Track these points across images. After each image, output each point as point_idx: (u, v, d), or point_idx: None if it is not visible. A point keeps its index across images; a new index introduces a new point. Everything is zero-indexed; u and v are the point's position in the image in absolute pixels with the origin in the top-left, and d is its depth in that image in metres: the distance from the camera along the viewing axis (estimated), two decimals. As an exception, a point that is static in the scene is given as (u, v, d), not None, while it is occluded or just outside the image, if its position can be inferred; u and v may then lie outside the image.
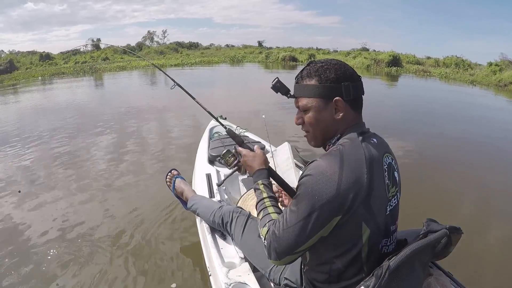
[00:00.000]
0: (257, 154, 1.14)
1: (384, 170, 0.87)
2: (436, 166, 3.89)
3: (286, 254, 0.88)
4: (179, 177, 1.90)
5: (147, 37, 43.42)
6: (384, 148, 0.92)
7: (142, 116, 6.38)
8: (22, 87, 14.00)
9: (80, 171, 3.55)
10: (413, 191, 2.87)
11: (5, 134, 5.44)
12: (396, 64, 18.83)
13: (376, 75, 16.18)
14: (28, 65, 31.02)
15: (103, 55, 32.67)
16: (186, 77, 13.76)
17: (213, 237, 1.53)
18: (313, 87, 0.91)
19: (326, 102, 0.90)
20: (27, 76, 20.19)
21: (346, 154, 0.83)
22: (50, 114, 7.10)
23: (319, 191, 0.80)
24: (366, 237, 0.84)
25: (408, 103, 8.81)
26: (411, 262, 0.78)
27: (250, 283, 1.22)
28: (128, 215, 2.57)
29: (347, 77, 0.89)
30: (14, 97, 11.32)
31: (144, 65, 22.13)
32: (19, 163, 3.96)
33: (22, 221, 2.55)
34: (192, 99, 1.50)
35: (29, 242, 2.25)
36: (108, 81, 15.20)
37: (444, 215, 2.57)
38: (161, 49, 36.93)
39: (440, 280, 1.01)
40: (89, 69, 21.79)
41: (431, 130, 5.54)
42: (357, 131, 0.89)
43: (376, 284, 0.72)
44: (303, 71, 0.95)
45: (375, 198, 0.83)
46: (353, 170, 0.81)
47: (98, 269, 1.96)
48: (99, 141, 4.77)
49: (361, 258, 0.86)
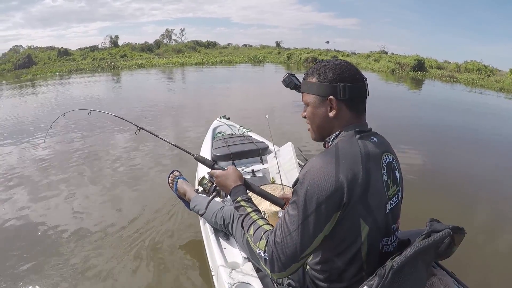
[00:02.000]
0: (229, 172, 1.16)
1: (382, 168, 0.88)
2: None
3: (292, 262, 0.85)
4: (181, 178, 1.91)
5: (165, 35, 44.12)
6: (384, 147, 0.93)
7: (160, 114, 6.48)
8: (40, 83, 14.13)
9: (85, 168, 3.58)
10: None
11: (22, 127, 5.68)
12: (420, 69, 18.32)
13: (401, 79, 15.77)
14: (46, 60, 31.55)
15: (121, 52, 33.05)
16: (215, 75, 14.09)
17: (216, 237, 1.54)
18: (313, 84, 0.95)
19: (322, 99, 0.94)
20: (44, 71, 20.30)
21: (341, 150, 0.85)
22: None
23: (318, 188, 0.81)
24: (365, 234, 0.85)
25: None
26: (414, 262, 0.78)
27: (253, 283, 1.23)
28: (130, 215, 2.58)
29: (345, 77, 0.91)
30: (31, 91, 11.52)
31: (163, 63, 22.01)
32: (35, 155, 4.14)
33: (33, 212, 2.61)
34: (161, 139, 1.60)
35: (42, 231, 2.28)
36: (128, 77, 15.28)
37: (449, 216, 2.56)
38: (179, 48, 37.32)
39: (443, 280, 1.01)
40: (108, 66, 21.78)
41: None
42: (354, 129, 0.91)
43: (379, 284, 0.73)
44: (310, 69, 0.99)
45: (372, 195, 0.84)
46: (349, 165, 0.82)
47: (101, 267, 1.97)
48: (115, 137, 4.90)
49: (361, 256, 0.87)
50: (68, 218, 2.58)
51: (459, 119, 7.11)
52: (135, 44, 40.44)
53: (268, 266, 0.88)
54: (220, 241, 1.52)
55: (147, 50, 38.56)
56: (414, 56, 19.63)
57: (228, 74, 16.47)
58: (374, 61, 22.02)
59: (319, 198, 0.81)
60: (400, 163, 1.00)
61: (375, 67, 20.02)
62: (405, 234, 1.02)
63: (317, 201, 0.81)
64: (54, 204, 2.84)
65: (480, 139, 5.50)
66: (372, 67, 20.30)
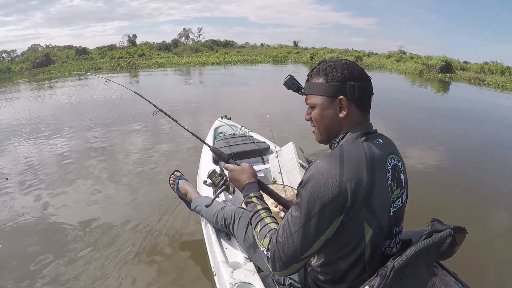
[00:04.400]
0: (244, 168, 1.16)
1: (387, 171, 0.87)
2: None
3: (292, 262, 0.86)
4: (182, 178, 1.92)
5: (182, 34, 44.54)
6: (389, 149, 0.92)
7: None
8: (57, 81, 14.22)
9: (93, 168, 3.59)
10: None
11: (40, 125, 5.88)
12: (448, 70, 17.67)
13: (428, 81, 15.21)
14: (64, 59, 31.98)
15: (140, 51, 33.21)
16: (244, 75, 14.15)
17: (218, 237, 1.54)
18: (320, 85, 0.93)
19: (331, 100, 0.91)
20: (62, 70, 20.27)
21: (346, 153, 0.84)
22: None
23: (321, 191, 0.80)
24: (369, 237, 0.85)
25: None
26: (415, 262, 0.78)
27: (254, 283, 1.23)
28: (131, 214, 2.59)
29: (353, 77, 0.90)
30: (50, 91, 11.62)
31: (184, 62, 21.80)
32: (54, 151, 4.33)
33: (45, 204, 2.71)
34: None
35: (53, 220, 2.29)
36: (152, 78, 15.19)
37: (450, 216, 2.55)
38: (196, 47, 37.48)
39: (445, 280, 1.01)
40: (127, 65, 21.64)
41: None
42: (360, 131, 0.90)
43: (381, 284, 0.73)
44: (314, 69, 0.97)
45: (377, 198, 0.83)
46: (353, 169, 0.81)
47: (102, 267, 1.98)
48: (132, 136, 4.99)
49: (364, 259, 0.87)
50: (70, 214, 2.59)
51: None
52: (153, 43, 40.80)
53: (270, 264, 0.89)
54: (221, 241, 1.52)
55: (164, 49, 38.81)
56: (441, 57, 18.92)
57: (255, 75, 16.12)
58: (396, 62, 21.53)
59: (322, 202, 0.80)
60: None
61: (402, 68, 19.42)
62: (406, 234, 1.02)
63: (320, 204, 0.81)
64: (68, 200, 2.91)
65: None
66: (398, 68, 19.71)
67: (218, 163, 2.31)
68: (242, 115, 5.34)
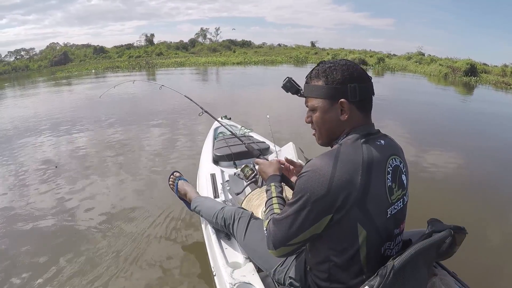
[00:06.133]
0: (272, 163, 1.26)
1: (386, 173, 0.87)
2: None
3: (281, 245, 0.92)
4: (181, 179, 1.92)
5: (200, 34, 44.81)
6: (391, 150, 0.92)
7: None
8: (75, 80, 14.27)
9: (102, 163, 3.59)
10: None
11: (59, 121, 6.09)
12: (473, 73, 16.76)
13: (453, 84, 14.59)
14: (82, 58, 32.40)
15: (157, 50, 33.35)
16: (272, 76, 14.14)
17: (218, 237, 1.54)
18: (320, 88, 0.92)
19: (331, 103, 0.91)
20: (80, 68, 20.17)
21: (342, 154, 0.84)
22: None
23: (311, 188, 0.83)
24: (362, 238, 0.85)
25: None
26: (415, 262, 0.79)
27: (254, 283, 1.23)
28: (132, 214, 2.59)
29: (354, 78, 0.89)
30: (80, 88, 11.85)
31: (203, 62, 21.67)
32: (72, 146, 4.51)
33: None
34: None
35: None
36: (173, 76, 15.04)
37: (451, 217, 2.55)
38: (214, 46, 37.43)
39: (445, 280, 1.01)
40: (146, 64, 21.56)
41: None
42: (361, 132, 0.89)
43: (380, 284, 0.73)
44: (313, 71, 0.95)
45: (372, 200, 0.83)
46: (347, 170, 0.81)
47: (102, 268, 1.97)
48: (150, 133, 5.09)
49: (359, 259, 0.87)
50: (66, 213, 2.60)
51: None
52: (170, 43, 40.93)
53: (266, 241, 0.97)
54: (221, 241, 1.52)
55: (182, 49, 38.88)
56: (466, 60, 17.94)
57: (278, 75, 15.60)
58: (419, 64, 21.01)
59: (310, 199, 0.83)
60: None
61: (426, 71, 18.82)
62: (406, 234, 1.02)
63: (308, 201, 0.84)
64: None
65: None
66: (422, 71, 19.07)
67: (218, 163, 2.31)
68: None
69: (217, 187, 1.94)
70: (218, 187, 1.95)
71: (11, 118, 6.75)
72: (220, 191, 1.91)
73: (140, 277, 1.91)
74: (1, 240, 2.33)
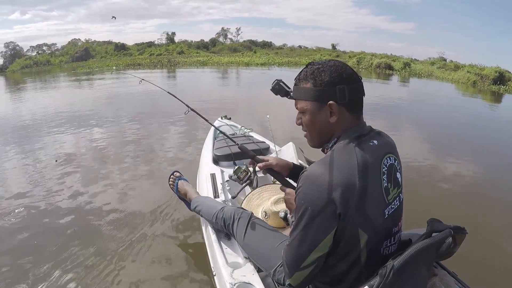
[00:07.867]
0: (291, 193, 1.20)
1: (382, 173, 0.86)
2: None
3: (294, 270, 0.88)
4: (181, 178, 1.93)
5: (221, 34, 44.93)
6: (385, 149, 0.91)
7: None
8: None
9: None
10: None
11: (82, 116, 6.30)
12: (501, 81, 16.15)
13: (481, 92, 13.90)
14: (103, 54, 32.61)
15: (178, 49, 33.53)
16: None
17: (217, 237, 1.54)
18: (308, 90, 0.90)
19: (320, 105, 0.89)
20: (100, 65, 20.07)
21: (335, 160, 0.83)
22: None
23: (311, 201, 0.81)
24: (364, 242, 0.85)
25: None
26: (415, 262, 0.78)
27: (254, 283, 1.23)
28: (132, 214, 2.59)
29: (342, 79, 0.87)
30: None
31: (226, 61, 21.50)
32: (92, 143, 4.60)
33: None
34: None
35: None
36: (202, 75, 15.13)
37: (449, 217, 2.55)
38: (234, 46, 37.52)
39: (445, 280, 1.00)
40: (167, 62, 21.43)
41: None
42: (352, 135, 0.88)
43: (380, 284, 0.73)
44: (301, 73, 0.94)
45: (370, 203, 0.83)
46: (343, 176, 0.80)
47: (101, 267, 1.97)
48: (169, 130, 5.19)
49: (360, 261, 0.87)
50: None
51: None
52: (191, 42, 41.14)
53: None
54: (221, 241, 1.52)
55: (203, 48, 38.95)
56: (495, 68, 17.31)
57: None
58: (445, 70, 20.31)
59: (313, 212, 0.82)
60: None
61: (454, 78, 18.08)
62: (406, 234, 1.02)
63: (312, 215, 0.82)
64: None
65: None
66: (449, 78, 18.25)
67: (218, 163, 2.31)
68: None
69: (217, 187, 1.94)
70: (218, 187, 1.95)
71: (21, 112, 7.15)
72: (220, 191, 1.91)
73: (140, 277, 1.91)
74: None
